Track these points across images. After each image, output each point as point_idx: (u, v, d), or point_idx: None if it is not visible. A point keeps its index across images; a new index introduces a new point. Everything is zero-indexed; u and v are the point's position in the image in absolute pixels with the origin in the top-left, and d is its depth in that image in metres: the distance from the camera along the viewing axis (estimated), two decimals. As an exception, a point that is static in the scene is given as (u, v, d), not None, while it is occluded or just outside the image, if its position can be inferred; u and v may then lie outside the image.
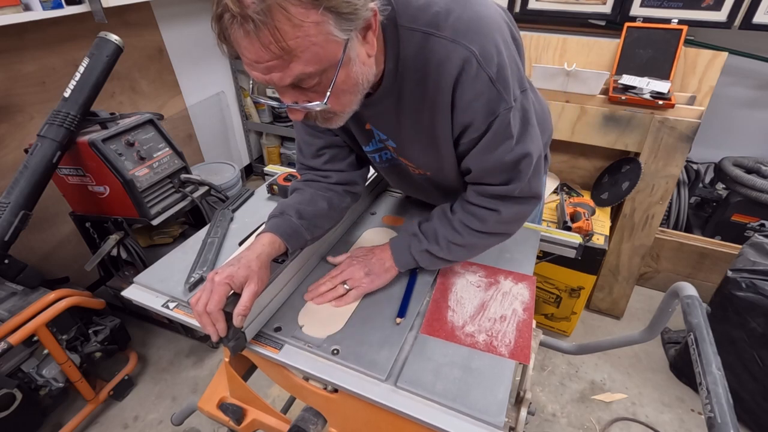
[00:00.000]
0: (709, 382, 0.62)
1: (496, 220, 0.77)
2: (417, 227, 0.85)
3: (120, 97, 2.04)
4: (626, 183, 1.72)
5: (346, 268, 0.85)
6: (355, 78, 0.59)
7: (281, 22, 0.48)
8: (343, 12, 0.50)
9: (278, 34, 0.48)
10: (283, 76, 0.53)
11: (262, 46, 0.49)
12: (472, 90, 0.63)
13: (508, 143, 0.68)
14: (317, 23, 0.49)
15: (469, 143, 0.70)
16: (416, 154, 0.80)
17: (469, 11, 0.62)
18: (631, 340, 0.96)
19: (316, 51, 0.52)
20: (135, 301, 0.85)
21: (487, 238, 0.82)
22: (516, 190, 0.74)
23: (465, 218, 0.79)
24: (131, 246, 1.62)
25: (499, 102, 0.64)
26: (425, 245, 0.82)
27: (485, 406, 0.63)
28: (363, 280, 0.83)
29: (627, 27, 1.75)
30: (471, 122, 0.67)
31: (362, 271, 0.84)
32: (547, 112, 0.97)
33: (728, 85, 2.08)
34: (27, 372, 1.36)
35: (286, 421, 0.84)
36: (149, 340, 1.91)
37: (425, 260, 0.84)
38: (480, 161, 0.72)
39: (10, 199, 1.27)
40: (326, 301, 0.82)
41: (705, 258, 1.96)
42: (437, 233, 0.81)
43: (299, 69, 0.52)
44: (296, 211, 0.80)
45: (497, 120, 0.65)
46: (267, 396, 1.66)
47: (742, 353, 1.46)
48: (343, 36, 0.52)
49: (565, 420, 1.60)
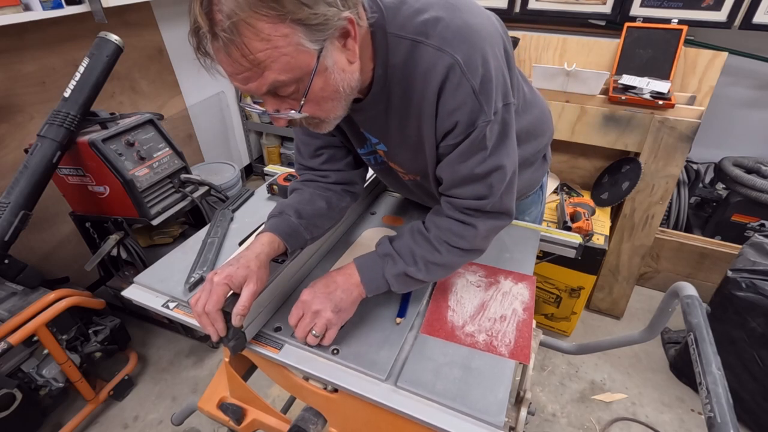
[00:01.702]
0: (709, 382, 0.62)
1: (474, 235, 0.74)
2: (389, 246, 0.77)
3: (120, 97, 2.04)
4: (626, 183, 1.72)
5: (310, 307, 0.71)
6: (334, 85, 0.59)
7: (248, 38, 0.49)
8: (312, 23, 0.51)
9: (246, 49, 0.50)
10: (258, 86, 0.55)
11: (234, 60, 0.51)
12: (454, 99, 0.63)
13: (482, 155, 0.68)
14: (285, 35, 0.51)
15: (447, 148, 0.70)
16: (404, 160, 0.80)
17: (458, 20, 0.61)
18: (631, 340, 0.96)
19: (287, 61, 0.53)
20: (135, 301, 0.85)
21: (465, 256, 0.77)
22: (488, 206, 0.72)
23: (443, 235, 0.75)
24: (131, 246, 1.62)
25: (479, 114, 0.63)
26: (401, 267, 0.74)
27: (485, 405, 0.63)
28: (332, 320, 0.71)
29: (627, 27, 1.75)
30: (451, 129, 0.66)
31: (329, 310, 0.71)
32: (547, 112, 0.97)
33: (728, 85, 2.08)
34: (27, 372, 1.36)
35: (286, 421, 0.84)
36: (149, 340, 1.91)
37: (399, 284, 0.75)
38: (452, 170, 0.71)
39: (10, 199, 1.27)
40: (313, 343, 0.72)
41: (705, 258, 1.96)
42: (414, 252, 0.74)
43: (272, 77, 0.54)
44: (295, 211, 0.80)
45: (474, 131, 0.65)
46: (267, 396, 1.66)
47: (742, 353, 1.46)
48: (314, 46, 0.53)
49: (565, 420, 1.60)
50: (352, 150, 0.90)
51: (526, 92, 0.85)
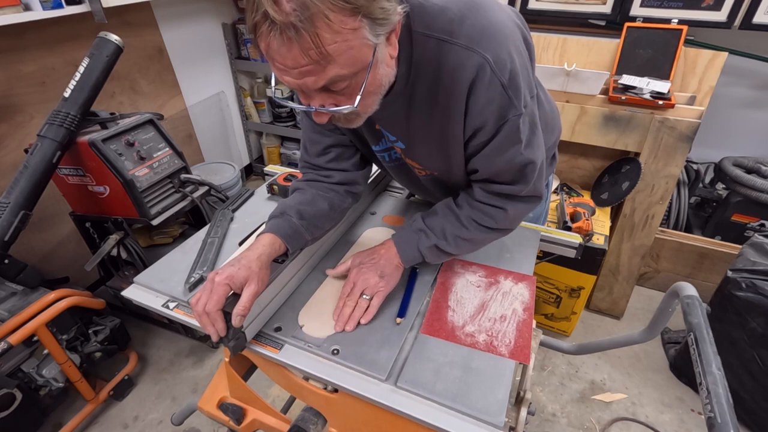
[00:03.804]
0: (709, 382, 0.62)
1: (504, 217, 0.80)
2: (422, 222, 0.85)
3: (120, 97, 2.04)
4: (626, 183, 1.72)
5: (358, 277, 0.81)
6: (380, 79, 0.61)
7: (322, 29, 0.49)
8: (377, 18, 0.52)
9: (318, 40, 0.50)
10: (317, 80, 0.55)
11: (302, 51, 0.50)
12: (485, 96, 0.64)
13: (517, 148, 0.70)
14: (354, 29, 0.51)
15: (479, 146, 0.72)
16: (424, 156, 0.81)
17: (482, 19, 0.62)
18: (631, 340, 0.96)
19: (351, 55, 0.53)
20: (135, 301, 0.85)
21: (492, 234, 0.84)
22: (522, 191, 0.77)
23: (473, 214, 0.81)
24: (131, 246, 1.61)
25: (509, 108, 0.65)
26: (433, 240, 0.82)
27: (485, 406, 0.63)
28: (380, 284, 0.80)
29: (627, 27, 1.75)
30: (482, 126, 0.68)
31: (375, 275, 0.80)
32: (556, 111, 0.98)
33: (728, 85, 2.08)
34: (27, 372, 1.36)
35: (286, 421, 0.84)
36: (149, 340, 1.91)
37: (432, 255, 0.84)
38: (488, 164, 0.74)
39: (10, 199, 1.27)
40: (356, 322, 0.77)
41: (705, 258, 1.96)
42: (444, 228, 0.82)
43: (335, 72, 0.54)
44: (297, 212, 0.80)
45: (506, 125, 0.67)
46: (267, 396, 1.66)
47: (742, 353, 1.46)
48: (375, 40, 0.54)
49: (565, 420, 1.60)
50: (360, 149, 0.90)
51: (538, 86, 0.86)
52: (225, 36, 2.58)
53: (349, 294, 0.80)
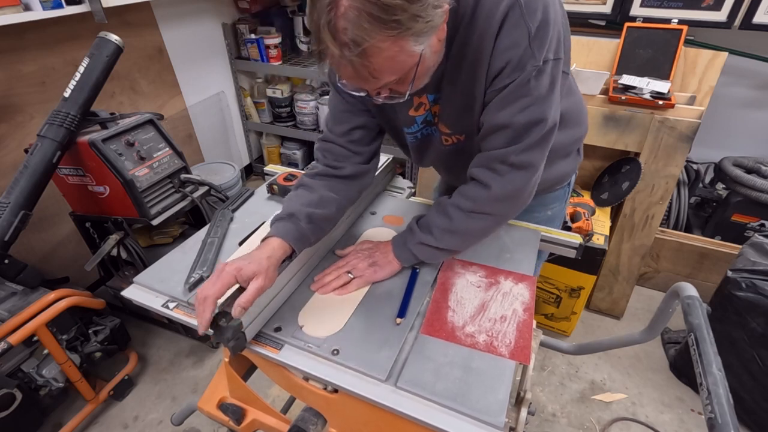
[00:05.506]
0: (709, 383, 0.62)
1: (487, 197, 0.77)
2: (414, 222, 0.88)
3: (120, 97, 2.04)
4: (626, 183, 1.72)
5: (352, 259, 0.88)
6: (428, 67, 0.65)
7: (374, 57, 0.56)
8: (422, 32, 0.57)
9: (372, 67, 0.58)
10: (372, 87, 0.64)
11: (357, 72, 0.59)
12: (509, 38, 0.66)
13: (523, 101, 0.69)
14: (401, 48, 0.57)
15: (492, 94, 0.72)
16: (453, 115, 0.81)
17: None
18: (631, 340, 0.96)
19: (399, 66, 0.60)
20: (135, 301, 0.85)
21: (477, 219, 0.80)
22: (512, 154, 0.73)
23: (455, 200, 0.81)
24: (131, 246, 1.61)
25: (529, 58, 0.66)
26: (419, 238, 0.84)
27: (486, 406, 0.63)
28: (366, 270, 0.86)
29: (627, 27, 1.75)
30: (501, 70, 0.69)
31: (366, 262, 0.87)
32: (583, 105, 0.98)
33: (728, 85, 2.08)
34: (27, 372, 1.36)
35: (286, 421, 0.84)
36: (149, 340, 1.91)
37: (424, 253, 0.85)
38: (492, 116, 0.73)
39: (10, 199, 1.27)
40: (330, 290, 0.84)
41: (705, 258, 1.96)
42: (431, 224, 0.83)
43: (386, 80, 0.62)
44: (306, 216, 0.80)
45: (521, 76, 0.67)
46: (267, 396, 1.66)
47: (742, 353, 1.46)
48: (421, 47, 0.59)
49: (565, 420, 1.60)
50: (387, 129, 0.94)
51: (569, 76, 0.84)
52: (225, 36, 2.58)
53: (337, 268, 0.87)
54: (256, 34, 2.56)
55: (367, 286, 0.86)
